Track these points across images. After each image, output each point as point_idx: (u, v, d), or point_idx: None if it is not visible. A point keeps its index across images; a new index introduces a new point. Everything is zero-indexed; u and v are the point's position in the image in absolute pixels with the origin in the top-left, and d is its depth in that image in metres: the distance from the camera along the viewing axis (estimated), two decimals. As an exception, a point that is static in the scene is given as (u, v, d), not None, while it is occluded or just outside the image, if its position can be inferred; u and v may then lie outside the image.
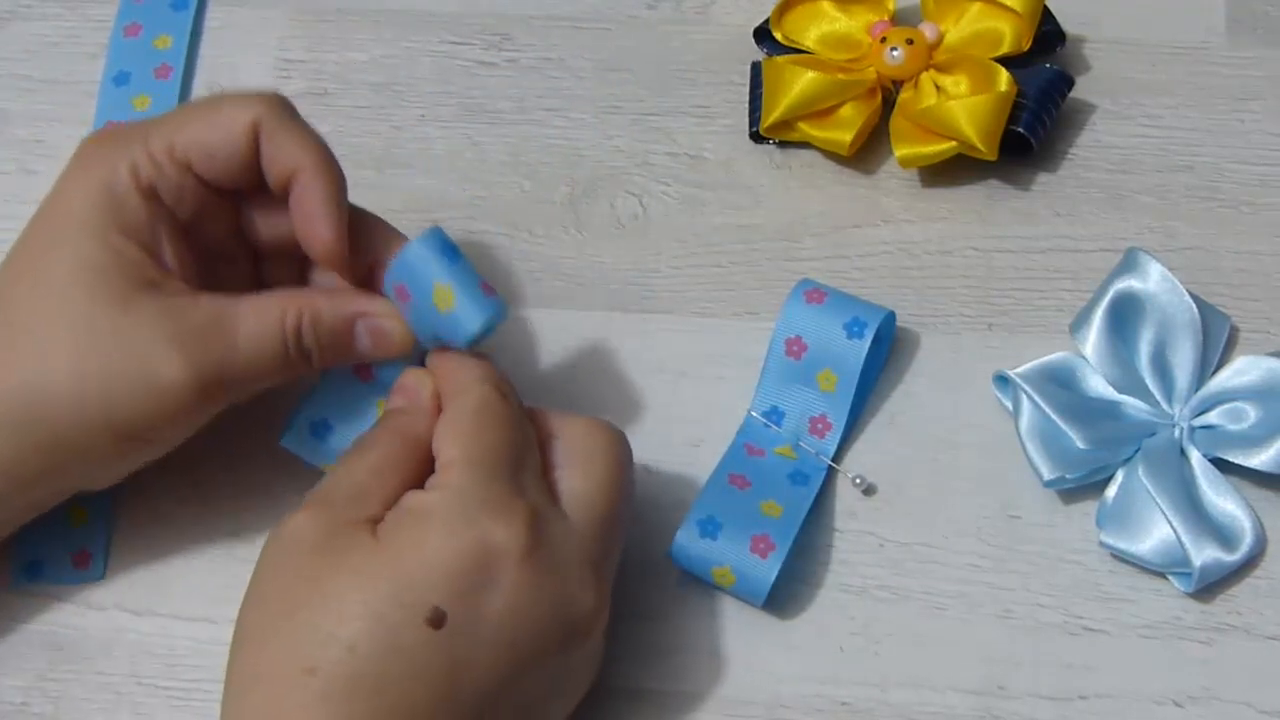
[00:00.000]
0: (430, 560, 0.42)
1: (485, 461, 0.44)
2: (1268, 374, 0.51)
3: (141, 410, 0.45)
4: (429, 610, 0.41)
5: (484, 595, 0.42)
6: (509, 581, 0.42)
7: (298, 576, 0.43)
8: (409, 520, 0.43)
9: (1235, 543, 0.49)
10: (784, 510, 0.50)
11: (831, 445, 0.52)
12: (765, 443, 0.52)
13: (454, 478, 0.44)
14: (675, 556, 0.50)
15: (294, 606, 0.42)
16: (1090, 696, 0.49)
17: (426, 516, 0.43)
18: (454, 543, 0.42)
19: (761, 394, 0.53)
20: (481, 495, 0.43)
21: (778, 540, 0.49)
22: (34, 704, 0.51)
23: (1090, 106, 0.59)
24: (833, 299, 0.52)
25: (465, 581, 0.42)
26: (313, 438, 0.50)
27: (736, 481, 0.51)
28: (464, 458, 0.44)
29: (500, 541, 0.42)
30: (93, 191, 0.46)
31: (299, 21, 0.63)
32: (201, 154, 0.47)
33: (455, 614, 0.42)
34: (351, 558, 0.42)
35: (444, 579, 0.42)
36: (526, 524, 0.43)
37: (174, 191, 0.47)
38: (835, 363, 0.52)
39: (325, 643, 0.41)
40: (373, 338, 0.48)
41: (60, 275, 0.46)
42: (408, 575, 0.42)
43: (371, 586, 0.42)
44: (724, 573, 0.49)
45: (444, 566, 0.42)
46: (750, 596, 0.49)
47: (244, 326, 0.46)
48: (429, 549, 0.42)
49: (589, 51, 0.61)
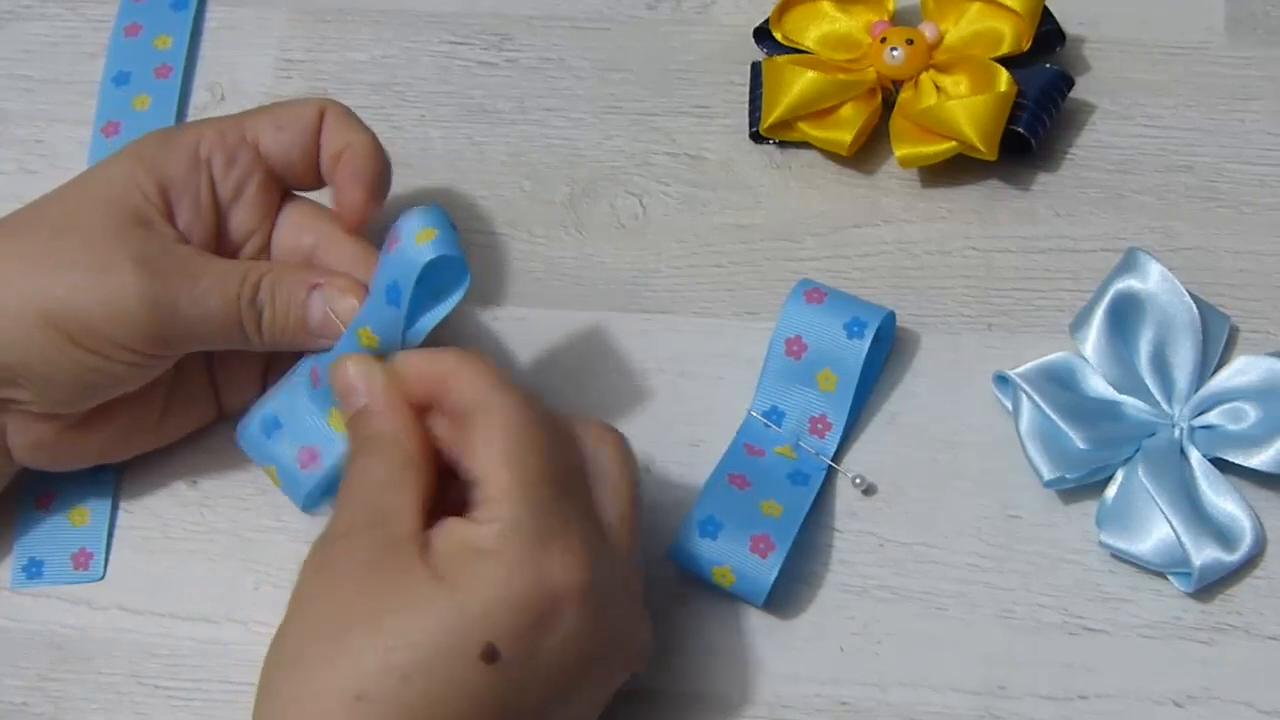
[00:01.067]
0: (492, 601, 0.41)
1: (536, 488, 0.43)
2: (1268, 374, 0.51)
3: (86, 308, 0.46)
4: (484, 646, 0.41)
5: (542, 634, 0.42)
6: (568, 622, 0.42)
7: (351, 595, 0.42)
8: (468, 557, 0.42)
9: (1235, 543, 0.49)
10: (784, 510, 0.50)
11: (831, 445, 0.52)
12: (765, 442, 0.52)
13: (508, 510, 0.42)
14: (675, 556, 0.50)
15: (345, 627, 0.41)
16: (1090, 696, 0.49)
17: (486, 555, 0.42)
18: (516, 584, 0.42)
19: (761, 394, 0.53)
20: (538, 530, 0.42)
21: (778, 540, 0.49)
22: (34, 704, 0.51)
23: (1090, 106, 0.59)
24: (833, 299, 0.53)
25: (526, 622, 0.42)
26: (261, 434, 0.50)
27: (736, 481, 0.51)
28: (513, 485, 0.43)
29: (560, 583, 0.42)
30: (153, 141, 0.50)
31: (299, 21, 0.63)
32: (271, 126, 0.50)
33: (512, 652, 0.41)
34: (408, 585, 0.42)
35: (506, 620, 0.41)
36: (584, 563, 0.43)
37: (226, 160, 0.50)
38: (835, 363, 0.52)
39: (378, 670, 0.40)
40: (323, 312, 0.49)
41: (80, 194, 0.49)
42: (470, 614, 0.41)
43: (432, 619, 0.41)
44: (724, 572, 0.49)
45: (506, 608, 0.41)
46: (750, 596, 0.49)
47: (207, 273, 0.48)
48: (491, 589, 0.41)
49: (589, 51, 0.61)
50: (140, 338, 0.47)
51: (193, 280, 0.47)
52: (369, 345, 0.49)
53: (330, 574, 0.43)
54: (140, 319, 0.46)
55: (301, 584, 0.43)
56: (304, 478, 0.49)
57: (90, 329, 0.46)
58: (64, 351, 0.46)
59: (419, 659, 0.41)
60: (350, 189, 0.51)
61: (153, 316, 0.47)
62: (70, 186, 0.49)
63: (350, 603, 0.42)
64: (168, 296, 0.47)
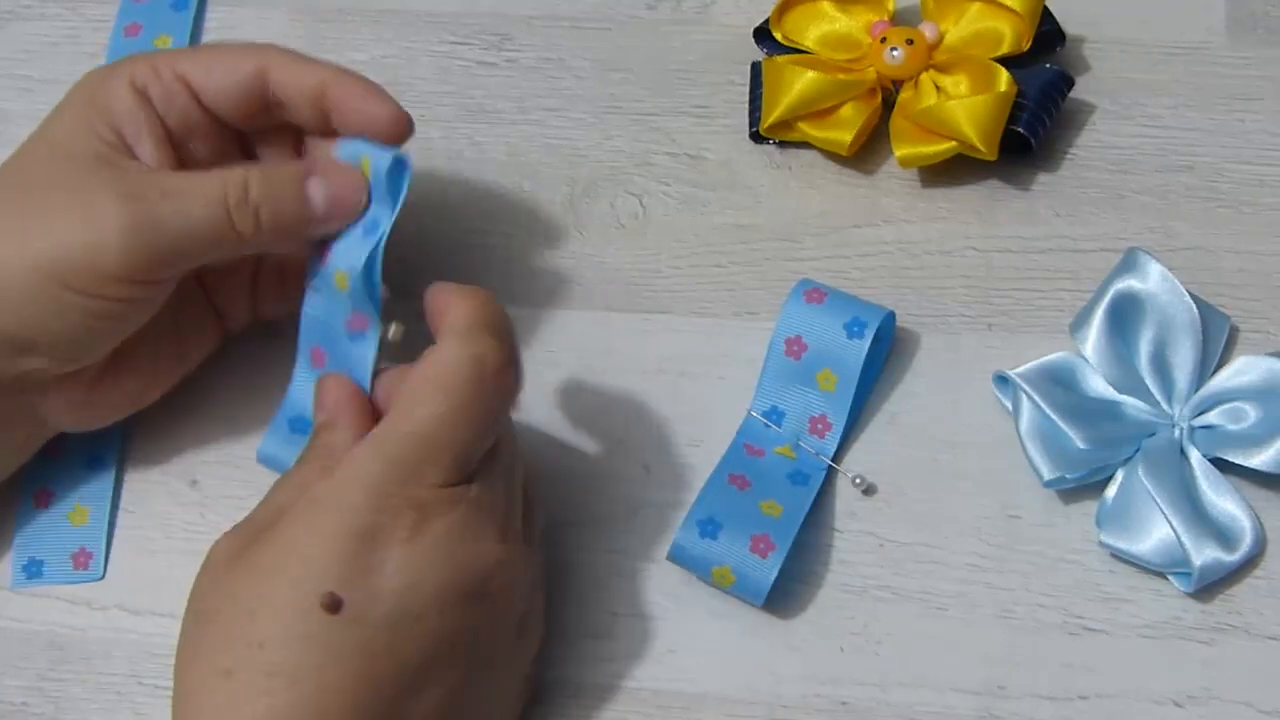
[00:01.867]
0: (314, 547, 0.42)
1: (395, 449, 0.43)
2: (1268, 374, 0.51)
3: (78, 252, 0.45)
4: (324, 596, 0.42)
5: (375, 577, 0.42)
6: (396, 561, 0.43)
7: (213, 592, 0.44)
8: (301, 510, 0.43)
9: (1235, 543, 0.49)
10: (784, 510, 0.50)
11: (831, 445, 0.52)
12: (765, 442, 0.52)
13: (352, 463, 0.43)
14: (675, 556, 0.50)
15: (210, 619, 0.43)
16: (1090, 696, 0.49)
17: (315, 503, 0.43)
18: (335, 526, 0.42)
19: (761, 394, 0.53)
20: (375, 480, 0.43)
21: (778, 540, 0.49)
22: (34, 704, 0.51)
23: (1090, 106, 0.59)
24: (833, 299, 0.52)
25: (352, 564, 0.42)
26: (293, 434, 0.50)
27: (736, 481, 0.51)
28: (377, 440, 0.44)
29: (381, 524, 0.43)
30: (90, 85, 0.49)
31: (299, 21, 0.63)
32: (200, 71, 0.49)
33: (351, 597, 0.42)
34: (253, 559, 0.43)
35: (330, 563, 0.42)
36: (412, 507, 0.43)
37: (163, 96, 0.49)
38: (835, 363, 0.52)
39: (235, 645, 0.42)
40: (326, 195, 0.48)
41: (42, 150, 0.48)
42: (298, 565, 0.42)
43: (269, 580, 0.42)
44: (724, 573, 0.49)
45: (327, 550, 0.42)
46: (750, 596, 0.49)
47: (183, 182, 0.47)
48: (314, 535, 0.42)
49: (589, 51, 0.61)
50: (134, 266, 0.46)
51: (174, 195, 0.47)
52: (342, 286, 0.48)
53: (205, 570, 0.44)
54: (129, 247, 0.46)
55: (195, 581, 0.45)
56: None
57: (84, 270, 0.46)
58: (67, 301, 0.46)
59: (267, 624, 0.42)
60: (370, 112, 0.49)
61: (140, 241, 0.46)
62: (30, 145, 0.49)
63: (215, 592, 0.43)
64: (151, 217, 0.46)
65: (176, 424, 0.55)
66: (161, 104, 0.49)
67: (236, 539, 0.44)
